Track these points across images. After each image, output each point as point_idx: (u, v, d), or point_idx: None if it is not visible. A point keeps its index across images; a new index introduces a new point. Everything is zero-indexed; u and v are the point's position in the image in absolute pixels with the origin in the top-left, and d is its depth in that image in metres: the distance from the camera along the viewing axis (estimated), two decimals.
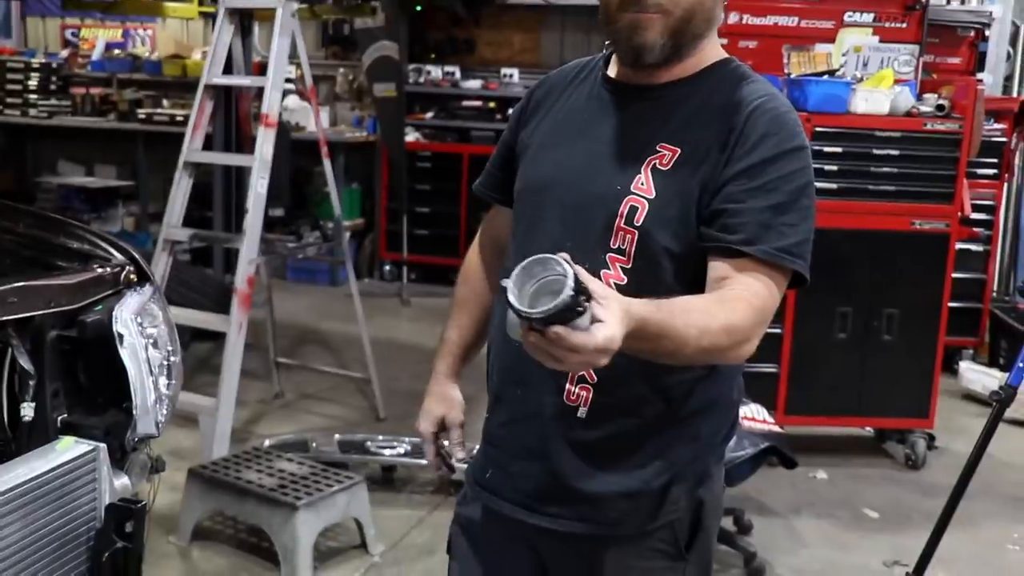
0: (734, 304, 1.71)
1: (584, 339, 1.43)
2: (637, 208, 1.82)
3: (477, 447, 2.08)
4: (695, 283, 1.80)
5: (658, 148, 1.84)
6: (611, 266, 1.84)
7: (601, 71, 1.99)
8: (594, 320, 1.44)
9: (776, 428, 4.10)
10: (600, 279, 1.79)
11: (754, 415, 4.01)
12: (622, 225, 1.83)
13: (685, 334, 1.61)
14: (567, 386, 1.88)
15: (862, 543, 4.44)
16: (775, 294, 1.79)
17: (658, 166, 1.83)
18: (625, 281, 1.82)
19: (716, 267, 1.79)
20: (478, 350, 2.23)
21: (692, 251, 1.82)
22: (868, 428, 5.53)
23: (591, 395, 1.87)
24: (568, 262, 1.43)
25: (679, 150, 1.83)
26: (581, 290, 1.42)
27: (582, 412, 1.88)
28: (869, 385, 5.12)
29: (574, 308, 1.41)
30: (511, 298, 1.43)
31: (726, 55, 1.95)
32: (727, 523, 4.26)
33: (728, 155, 1.80)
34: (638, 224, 1.82)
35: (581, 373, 1.86)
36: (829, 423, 5.33)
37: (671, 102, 1.88)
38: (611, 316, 1.45)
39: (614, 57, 1.96)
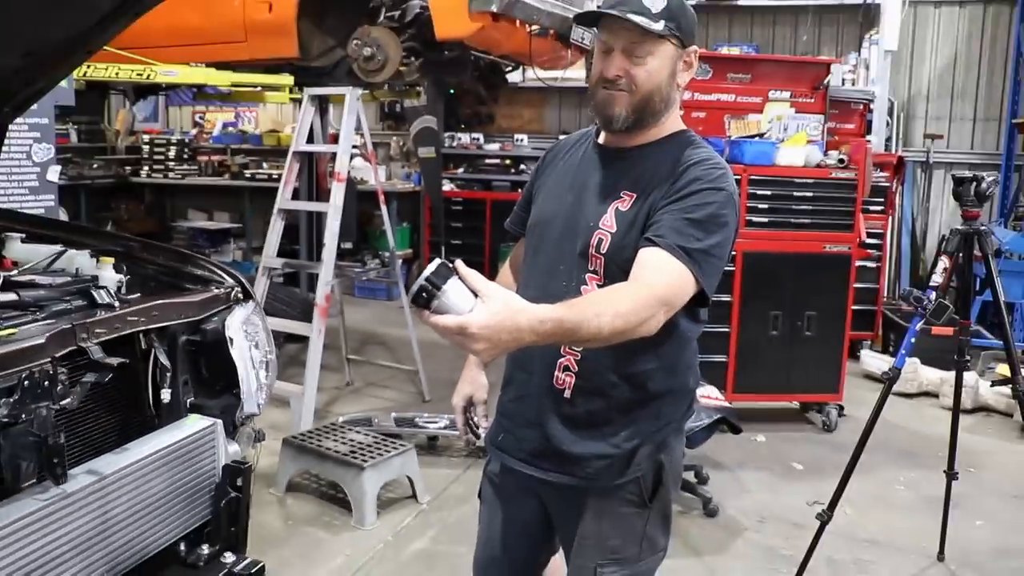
0: (637, 290, 1.68)
1: (436, 319, 1.46)
2: (603, 239, 1.84)
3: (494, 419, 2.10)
4: None
5: (621, 194, 1.86)
6: (589, 283, 1.86)
7: (593, 139, 2.01)
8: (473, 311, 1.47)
9: (726, 403, 4.09)
10: (580, 293, 1.82)
11: (709, 394, 4.01)
12: (593, 252, 1.85)
13: (599, 322, 1.58)
14: (556, 373, 1.90)
15: (791, 488, 4.43)
16: (676, 287, 1.72)
17: (620, 208, 1.85)
18: None
19: (637, 258, 1.76)
20: None
21: None
22: (795, 402, 5.51)
23: (573, 380, 1.89)
24: (443, 264, 1.47)
25: (635, 195, 1.84)
26: (431, 283, 1.44)
27: (567, 393, 1.90)
28: (795, 369, 5.11)
29: (420, 295, 1.44)
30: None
31: (684, 127, 1.96)
32: (689, 476, 4.25)
33: (664, 192, 1.80)
34: (603, 252, 1.84)
35: (565, 363, 1.88)
36: (766, 399, 5.31)
37: (636, 160, 1.90)
38: (481, 310, 1.47)
39: None
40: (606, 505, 1.94)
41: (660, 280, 1.71)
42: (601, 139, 1.99)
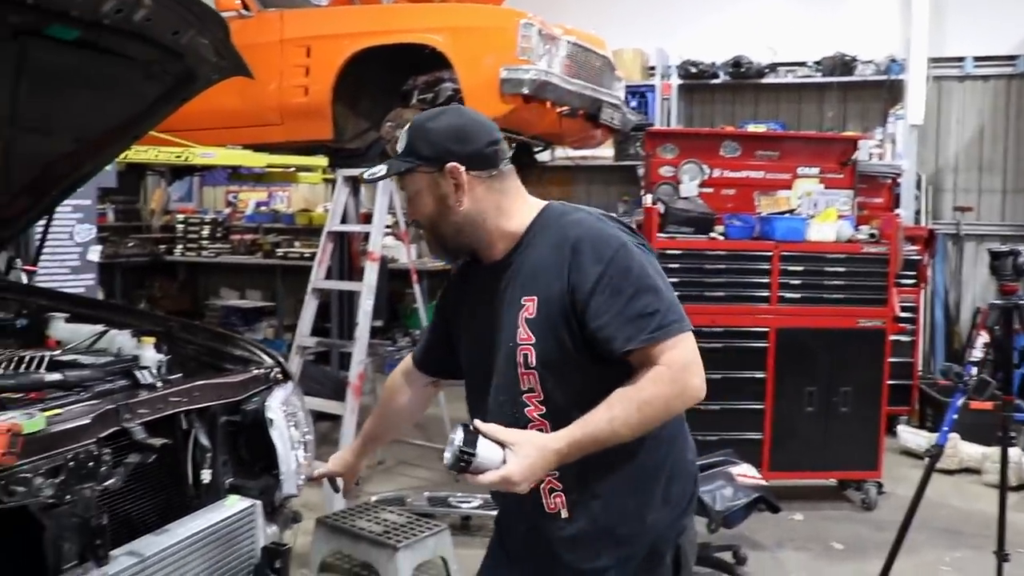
0: (645, 381, 1.67)
1: (479, 479, 1.60)
2: (528, 354, 1.78)
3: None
4: (593, 382, 1.72)
5: (522, 302, 1.80)
6: (529, 403, 1.80)
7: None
8: (506, 461, 1.60)
9: (763, 482, 4.02)
10: (526, 415, 1.80)
11: (745, 472, 3.94)
12: (523, 370, 1.79)
13: (613, 427, 1.65)
14: (544, 500, 1.84)
15: (832, 569, 4.30)
16: (681, 350, 1.70)
17: (527, 316, 1.78)
18: (545, 410, 1.79)
19: (630, 365, 1.71)
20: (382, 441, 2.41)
21: (577, 364, 1.76)
22: (832, 479, 5.40)
23: (564, 498, 1.82)
24: (468, 431, 1.63)
25: (536, 297, 1.78)
26: (466, 453, 1.60)
27: (564, 513, 1.83)
28: (831, 446, 5.01)
29: (458, 463, 1.61)
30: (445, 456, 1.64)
31: (542, 205, 1.88)
32: (727, 556, 4.16)
33: (571, 283, 1.74)
34: (533, 365, 1.78)
35: (549, 486, 1.82)
36: (803, 476, 5.20)
37: (517, 266, 1.84)
38: (515, 460, 1.60)
39: None
40: None
41: (666, 361, 1.68)
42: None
